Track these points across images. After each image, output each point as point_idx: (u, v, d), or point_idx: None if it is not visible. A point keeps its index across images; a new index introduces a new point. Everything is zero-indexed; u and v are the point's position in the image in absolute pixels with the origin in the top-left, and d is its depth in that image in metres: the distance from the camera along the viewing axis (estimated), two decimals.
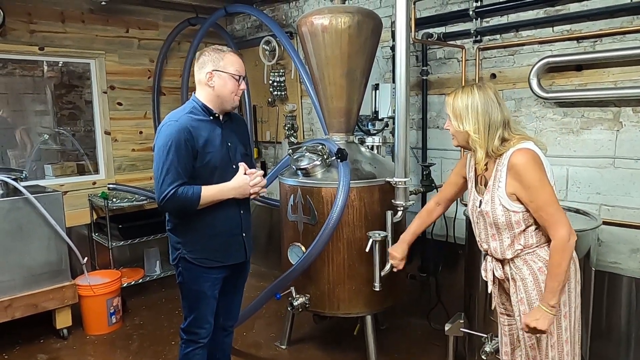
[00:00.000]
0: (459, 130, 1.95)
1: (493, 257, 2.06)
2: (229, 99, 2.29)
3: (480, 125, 1.88)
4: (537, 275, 1.93)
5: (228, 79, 2.26)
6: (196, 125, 2.23)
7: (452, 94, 1.97)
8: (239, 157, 2.40)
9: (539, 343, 1.97)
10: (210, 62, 2.26)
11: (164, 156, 2.17)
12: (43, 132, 4.91)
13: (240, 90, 2.32)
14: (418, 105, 3.74)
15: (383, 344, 3.41)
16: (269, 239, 5.13)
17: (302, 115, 4.76)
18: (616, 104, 2.84)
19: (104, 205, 4.20)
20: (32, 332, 3.70)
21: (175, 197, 2.15)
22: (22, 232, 3.39)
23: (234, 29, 5.38)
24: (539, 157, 1.87)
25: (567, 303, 1.94)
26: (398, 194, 2.89)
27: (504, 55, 3.28)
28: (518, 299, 1.99)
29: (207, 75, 2.25)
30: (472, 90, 1.91)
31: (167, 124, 2.21)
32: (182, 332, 2.47)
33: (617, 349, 2.83)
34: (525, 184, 1.85)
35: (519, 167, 1.84)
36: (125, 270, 4.43)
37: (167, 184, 2.15)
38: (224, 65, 2.25)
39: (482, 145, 1.89)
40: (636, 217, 2.82)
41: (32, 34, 4.15)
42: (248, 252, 2.50)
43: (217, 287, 2.41)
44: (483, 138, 1.88)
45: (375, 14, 3.14)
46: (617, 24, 2.78)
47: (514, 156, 1.86)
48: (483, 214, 2.00)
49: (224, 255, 2.38)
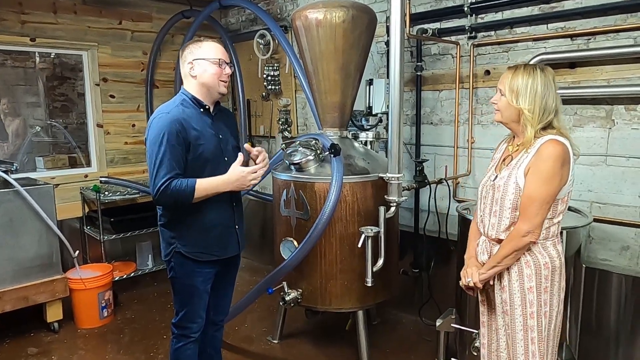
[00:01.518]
0: (512, 106, 1.93)
1: (487, 237, 2.07)
2: (213, 84, 2.28)
3: (536, 106, 1.89)
4: (523, 269, 1.95)
5: (208, 65, 2.26)
6: (188, 117, 2.22)
7: (512, 70, 1.96)
8: (230, 149, 2.40)
9: (515, 336, 1.98)
10: (189, 54, 2.28)
11: (157, 148, 2.15)
12: (35, 124, 4.87)
13: (225, 75, 2.31)
14: (412, 101, 3.74)
15: (375, 339, 3.42)
16: (262, 233, 5.12)
17: (296, 110, 4.74)
18: (609, 102, 2.85)
19: (96, 199, 4.17)
20: (23, 326, 3.68)
21: (169, 190, 2.13)
22: (13, 225, 3.36)
23: (229, 22, 5.34)
24: (567, 157, 1.87)
25: (549, 303, 1.95)
26: (391, 189, 2.89)
27: (498, 52, 3.28)
28: (501, 286, 2.02)
29: (188, 66, 2.28)
30: (535, 71, 1.91)
31: (159, 117, 2.20)
32: (174, 327, 2.45)
33: (606, 345, 2.86)
34: (536, 167, 1.87)
35: (543, 152, 1.86)
36: (117, 264, 4.42)
37: (161, 177, 2.13)
38: (202, 53, 2.27)
39: (534, 125, 1.90)
40: (627, 214, 2.84)
41: (23, 25, 4.10)
42: (241, 244, 2.50)
43: (209, 281, 2.41)
44: (536, 118, 1.89)
45: (370, 9, 3.13)
46: (610, 22, 2.79)
47: (548, 142, 1.87)
48: (495, 187, 2.00)
49: (219, 249, 2.38)
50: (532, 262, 1.94)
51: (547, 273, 1.94)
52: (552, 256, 1.95)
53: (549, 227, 1.94)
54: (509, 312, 1.99)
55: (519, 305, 1.96)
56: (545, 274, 1.93)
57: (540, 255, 1.94)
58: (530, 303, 1.95)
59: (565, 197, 1.94)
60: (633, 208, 2.82)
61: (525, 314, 1.95)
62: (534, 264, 1.93)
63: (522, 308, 1.96)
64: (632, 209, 2.82)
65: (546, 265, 1.93)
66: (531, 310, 1.95)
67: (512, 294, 1.97)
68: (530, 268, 1.94)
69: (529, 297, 1.94)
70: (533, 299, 1.94)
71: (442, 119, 3.66)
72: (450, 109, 3.58)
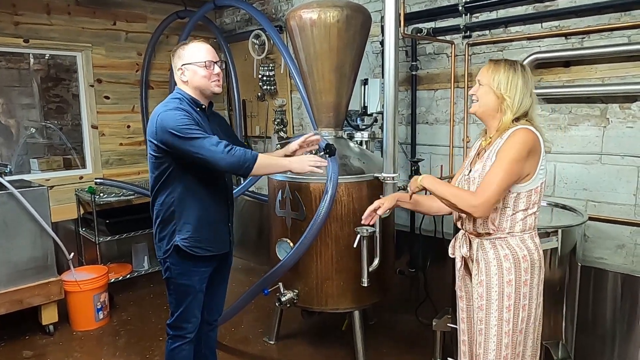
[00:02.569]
0: (492, 92, 1.96)
1: (465, 231, 2.07)
2: (205, 86, 2.29)
3: (517, 95, 1.94)
4: (502, 262, 1.94)
5: (196, 68, 2.26)
6: (189, 113, 2.23)
7: (493, 62, 2.01)
8: None
9: (489, 331, 1.97)
10: (178, 59, 2.29)
11: (187, 127, 2.13)
12: (30, 126, 4.85)
13: (216, 75, 2.31)
14: (407, 100, 3.74)
15: (371, 339, 3.41)
16: (258, 234, 5.11)
17: (291, 110, 4.73)
18: (603, 101, 2.85)
19: (91, 200, 4.15)
20: (18, 329, 3.66)
21: (232, 152, 2.14)
22: (7, 227, 3.34)
23: (223, 22, 5.33)
24: (537, 146, 1.89)
25: (527, 296, 1.95)
26: (386, 189, 2.87)
27: (493, 51, 3.28)
28: (478, 281, 2.01)
29: (179, 72, 2.30)
30: (516, 65, 1.97)
31: (165, 111, 2.19)
32: (169, 328, 2.45)
33: (602, 344, 2.86)
34: (503, 149, 1.89)
35: (513, 136, 1.89)
36: (112, 266, 4.40)
37: (214, 142, 2.13)
38: (189, 57, 2.27)
39: (514, 111, 1.94)
40: (622, 213, 2.84)
41: (16, 26, 4.08)
42: (232, 242, 2.53)
43: (205, 280, 2.41)
44: (516, 105, 1.94)
45: (365, 9, 3.12)
46: (604, 21, 2.79)
47: (520, 129, 1.90)
48: (470, 180, 2.01)
49: (214, 244, 2.38)
50: (511, 255, 1.94)
51: (526, 266, 1.94)
52: (530, 249, 1.95)
53: (524, 218, 1.94)
54: (484, 306, 1.98)
55: (496, 300, 1.95)
56: (525, 266, 1.93)
57: (519, 248, 1.94)
58: (507, 296, 1.94)
59: (538, 188, 1.94)
60: (628, 206, 2.82)
61: (501, 307, 1.95)
62: (513, 257, 1.93)
63: (499, 301, 1.95)
64: (627, 207, 2.83)
65: (525, 258, 1.93)
66: (508, 304, 1.94)
67: (489, 288, 1.97)
68: (509, 261, 1.94)
69: (507, 290, 1.94)
70: (511, 292, 1.93)
71: (437, 118, 3.66)
72: (446, 108, 3.58)
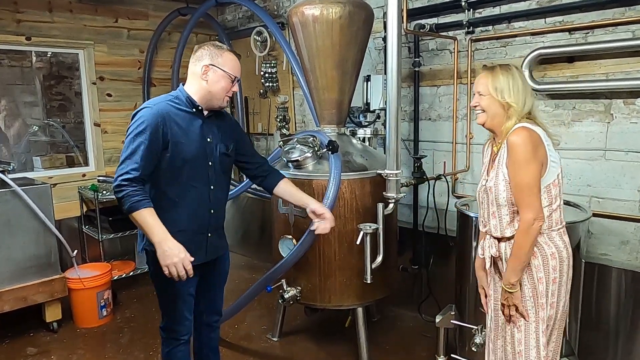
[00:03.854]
0: (497, 101, 1.97)
1: (492, 236, 2.08)
2: (219, 97, 2.23)
3: (520, 99, 1.96)
4: (531, 260, 1.95)
5: (222, 76, 2.20)
6: (173, 113, 2.17)
7: (488, 70, 2.03)
8: (218, 155, 2.30)
9: (529, 327, 1.99)
10: (208, 56, 2.19)
11: (133, 138, 2.07)
12: (32, 124, 4.86)
13: (232, 92, 2.26)
14: (410, 97, 3.73)
15: (374, 335, 3.41)
16: (261, 231, 5.11)
17: (294, 107, 4.72)
18: (607, 96, 2.83)
19: (94, 198, 4.16)
20: (22, 326, 3.67)
21: (122, 190, 2.03)
22: (10, 225, 3.35)
23: (225, 19, 5.32)
24: (535, 138, 1.89)
25: (556, 294, 1.97)
26: (389, 186, 2.87)
27: (496, 47, 3.26)
28: None
29: (202, 68, 2.19)
30: (512, 69, 2.00)
31: (143, 109, 2.15)
32: (162, 331, 2.39)
33: (606, 340, 2.85)
34: (511, 159, 1.91)
35: (510, 143, 1.91)
36: (116, 263, 4.41)
37: (124, 168, 2.04)
38: (222, 63, 2.20)
39: (518, 117, 1.96)
40: (626, 209, 2.83)
41: (18, 24, 4.08)
42: (210, 253, 2.36)
43: (191, 284, 2.28)
44: (520, 109, 1.96)
45: (367, 5, 3.10)
46: (609, 16, 2.77)
47: (511, 133, 1.92)
48: (487, 190, 2.04)
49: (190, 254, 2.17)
50: (539, 253, 1.95)
51: (554, 264, 1.95)
52: (559, 246, 1.96)
53: (550, 214, 1.95)
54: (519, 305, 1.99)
55: (530, 297, 1.97)
56: (553, 264, 1.95)
57: (547, 245, 1.95)
58: (540, 294, 1.96)
59: (555, 181, 1.95)
60: (632, 202, 2.81)
61: (537, 305, 1.96)
62: (541, 255, 1.95)
63: (534, 299, 1.96)
64: (631, 203, 2.81)
65: (553, 256, 1.95)
66: (542, 302, 1.96)
67: (522, 286, 1.98)
68: (538, 259, 1.95)
69: (540, 288, 1.95)
70: (543, 290, 1.95)
71: (440, 114, 3.64)
72: (449, 104, 3.57)
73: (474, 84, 2.08)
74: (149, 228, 2.06)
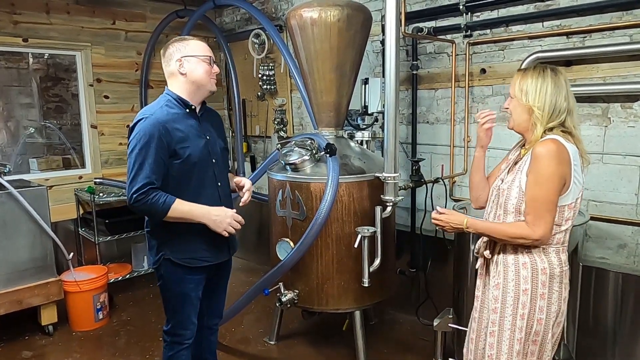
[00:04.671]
0: (521, 104, 1.91)
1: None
2: (205, 81, 2.24)
3: (546, 104, 1.86)
4: (520, 269, 1.92)
5: (197, 62, 2.22)
6: (172, 119, 2.16)
7: (521, 71, 1.96)
8: (219, 151, 2.35)
9: (502, 334, 1.95)
10: (177, 51, 2.22)
11: (137, 152, 2.08)
12: (29, 125, 4.83)
13: (214, 73, 2.28)
14: (408, 100, 3.73)
15: (372, 339, 3.40)
16: (258, 234, 5.10)
17: (291, 110, 4.72)
18: (605, 100, 2.84)
19: (90, 200, 4.14)
20: (17, 329, 3.65)
21: (146, 200, 2.06)
22: (6, 227, 3.33)
23: (223, 21, 5.31)
24: (564, 156, 1.81)
25: (545, 310, 1.90)
26: (387, 189, 2.87)
27: (494, 50, 3.27)
28: (495, 283, 1.99)
29: (177, 63, 2.21)
30: (545, 71, 1.89)
31: (142, 119, 2.13)
32: (165, 335, 2.39)
33: (604, 344, 2.85)
34: (533, 169, 1.83)
35: (535, 153, 1.83)
36: (112, 266, 4.39)
37: (138, 182, 2.06)
38: (191, 50, 2.22)
39: (543, 124, 1.87)
40: (624, 212, 2.83)
41: (15, 25, 4.06)
42: (232, 249, 2.45)
43: (200, 287, 2.35)
44: (545, 117, 1.87)
45: (365, 8, 3.11)
46: (606, 20, 2.78)
47: (542, 142, 1.84)
48: (500, 191, 1.98)
49: (209, 254, 2.31)
50: (530, 264, 1.90)
51: (544, 279, 1.88)
52: (552, 263, 1.89)
53: (555, 234, 1.88)
54: (499, 309, 1.96)
55: (511, 305, 1.93)
56: (543, 279, 1.88)
57: (540, 259, 1.89)
58: (522, 304, 1.91)
59: (572, 203, 1.87)
60: (629, 206, 2.81)
61: (515, 314, 1.92)
62: (532, 267, 1.90)
63: (514, 308, 1.92)
64: (628, 206, 2.82)
65: (544, 271, 1.88)
66: (522, 312, 1.91)
67: (505, 292, 1.95)
68: (527, 270, 1.90)
69: (522, 298, 1.90)
70: (526, 302, 1.90)
71: (438, 117, 3.65)
72: (447, 107, 3.57)
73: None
74: (188, 214, 2.16)
